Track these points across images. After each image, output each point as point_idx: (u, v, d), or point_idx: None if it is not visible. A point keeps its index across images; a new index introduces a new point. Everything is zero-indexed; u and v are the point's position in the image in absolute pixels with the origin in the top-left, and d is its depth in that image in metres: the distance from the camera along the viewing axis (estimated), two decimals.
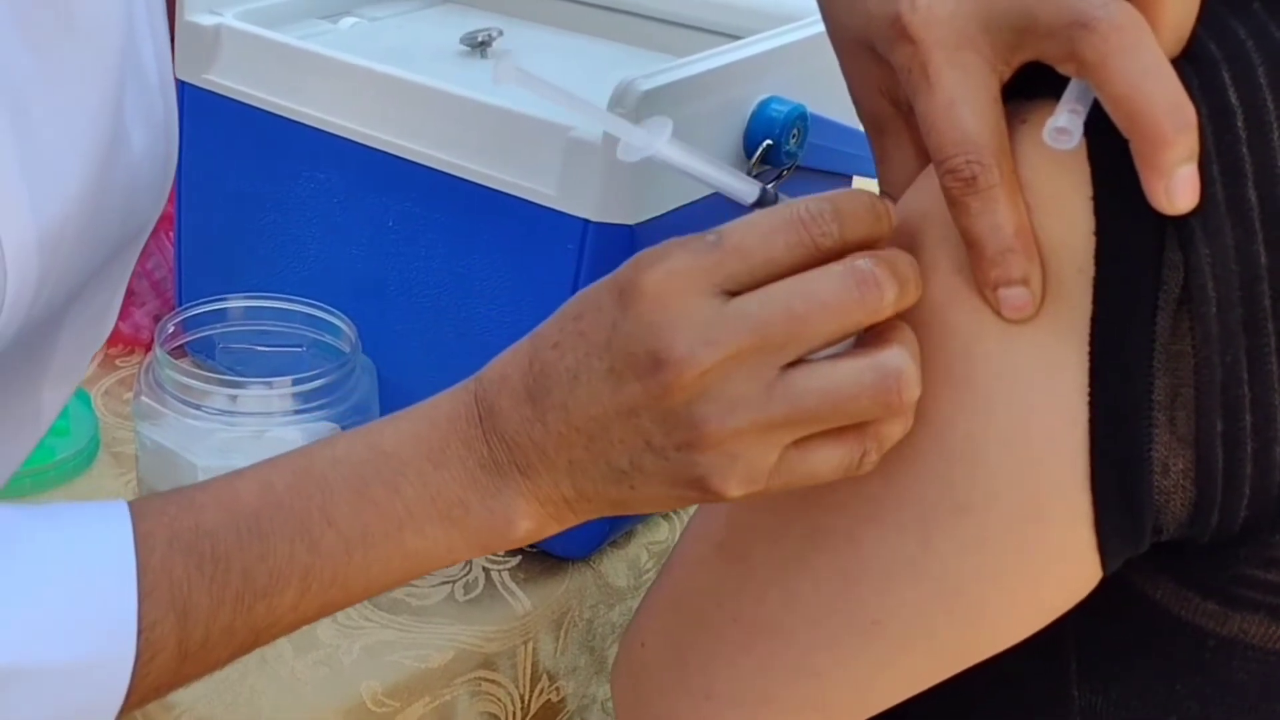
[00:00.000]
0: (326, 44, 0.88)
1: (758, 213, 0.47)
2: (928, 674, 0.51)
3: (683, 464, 0.47)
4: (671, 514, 0.89)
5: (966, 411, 0.46)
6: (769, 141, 0.79)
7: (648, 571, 0.86)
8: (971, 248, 0.45)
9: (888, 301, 0.45)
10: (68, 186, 0.56)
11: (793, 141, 0.79)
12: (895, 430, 0.46)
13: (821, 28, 0.55)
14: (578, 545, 0.83)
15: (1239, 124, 0.42)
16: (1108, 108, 0.43)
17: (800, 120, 0.79)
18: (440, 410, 0.50)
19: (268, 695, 0.73)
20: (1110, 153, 0.43)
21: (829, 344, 0.45)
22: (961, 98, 0.45)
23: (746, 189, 0.51)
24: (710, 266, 0.45)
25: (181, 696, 0.72)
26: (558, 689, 0.82)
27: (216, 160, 0.91)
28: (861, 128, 0.56)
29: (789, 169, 0.80)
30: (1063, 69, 0.44)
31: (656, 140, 0.51)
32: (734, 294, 0.45)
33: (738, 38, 0.84)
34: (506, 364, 0.50)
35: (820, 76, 0.71)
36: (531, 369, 0.48)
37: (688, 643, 0.54)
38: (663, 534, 0.87)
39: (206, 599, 0.48)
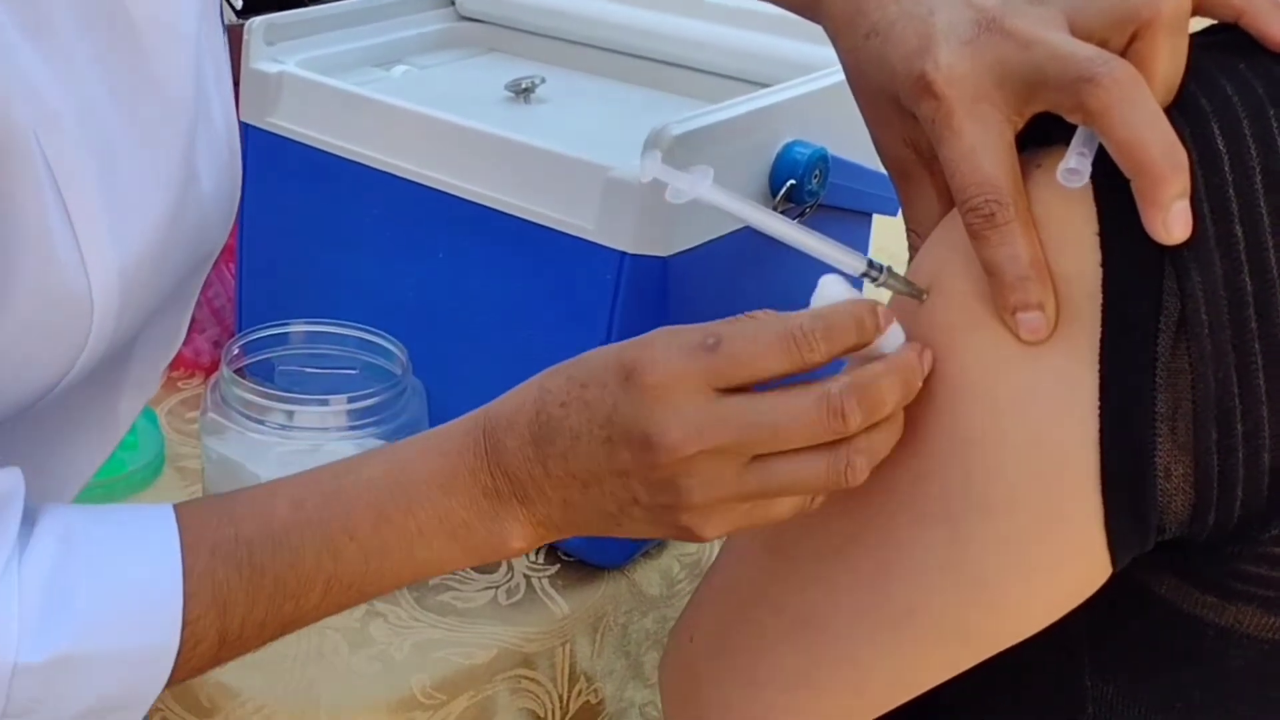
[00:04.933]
0: (380, 90, 0.94)
1: (755, 324, 0.51)
2: (955, 661, 0.55)
3: (666, 518, 0.53)
4: None
5: (990, 424, 0.51)
6: (793, 181, 0.84)
7: (679, 581, 0.91)
8: (992, 276, 0.50)
9: (853, 426, 0.50)
10: (146, 225, 0.61)
11: (815, 181, 0.85)
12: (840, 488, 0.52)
13: (841, 77, 0.60)
14: (613, 555, 0.88)
15: (1226, 168, 0.47)
16: (1111, 151, 0.48)
17: (822, 162, 0.84)
18: (452, 443, 0.56)
19: (325, 687, 0.78)
20: (1113, 193, 0.48)
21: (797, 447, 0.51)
22: (981, 145, 0.50)
23: (793, 234, 0.55)
24: (705, 369, 0.51)
25: (245, 685, 0.78)
26: (595, 691, 0.87)
27: (277, 197, 0.96)
28: (880, 169, 0.61)
29: (811, 207, 0.86)
30: (1070, 118, 0.50)
31: (700, 185, 0.55)
32: (723, 390, 0.51)
33: (764, 85, 0.89)
34: (514, 408, 0.55)
35: (840, 122, 0.76)
36: (538, 418, 0.54)
37: (735, 634, 0.59)
38: (694, 546, 0.92)
39: (243, 597, 0.54)
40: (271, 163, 0.95)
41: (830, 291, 0.53)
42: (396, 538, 0.55)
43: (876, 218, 0.97)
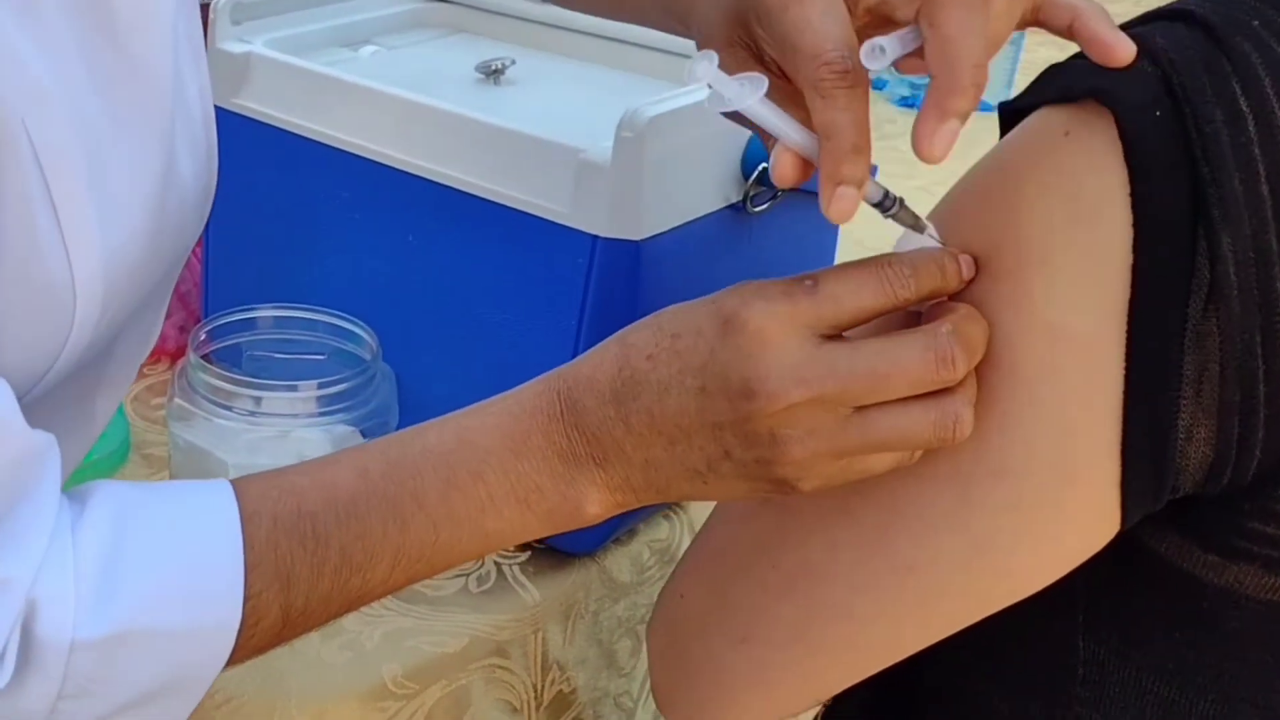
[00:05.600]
0: (349, 70, 0.92)
1: (845, 265, 0.51)
2: (954, 619, 0.55)
3: (760, 472, 0.51)
4: (673, 514, 0.93)
5: (1010, 386, 0.50)
6: (764, 165, 0.83)
7: (650, 568, 0.90)
8: (830, 139, 0.48)
9: (960, 374, 0.49)
10: (131, 217, 0.60)
11: None
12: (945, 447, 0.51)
13: None
14: (583, 542, 0.87)
15: (1250, 127, 0.47)
16: (931, 44, 0.48)
17: None
18: (524, 403, 0.54)
19: (296, 677, 0.77)
20: (1145, 156, 0.48)
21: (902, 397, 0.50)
22: (832, 13, 0.50)
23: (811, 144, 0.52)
24: (806, 310, 0.50)
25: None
26: (568, 679, 0.86)
27: (245, 180, 0.94)
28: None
29: (783, 190, 0.85)
30: (903, 11, 0.50)
31: (748, 97, 0.52)
32: (824, 335, 0.50)
33: None
34: (594, 365, 0.53)
35: None
36: (620, 374, 0.52)
37: (729, 589, 0.58)
38: (664, 532, 0.91)
39: (307, 571, 0.52)
40: (238, 144, 0.92)
41: (911, 239, 0.53)
42: (466, 505, 0.53)
43: None
